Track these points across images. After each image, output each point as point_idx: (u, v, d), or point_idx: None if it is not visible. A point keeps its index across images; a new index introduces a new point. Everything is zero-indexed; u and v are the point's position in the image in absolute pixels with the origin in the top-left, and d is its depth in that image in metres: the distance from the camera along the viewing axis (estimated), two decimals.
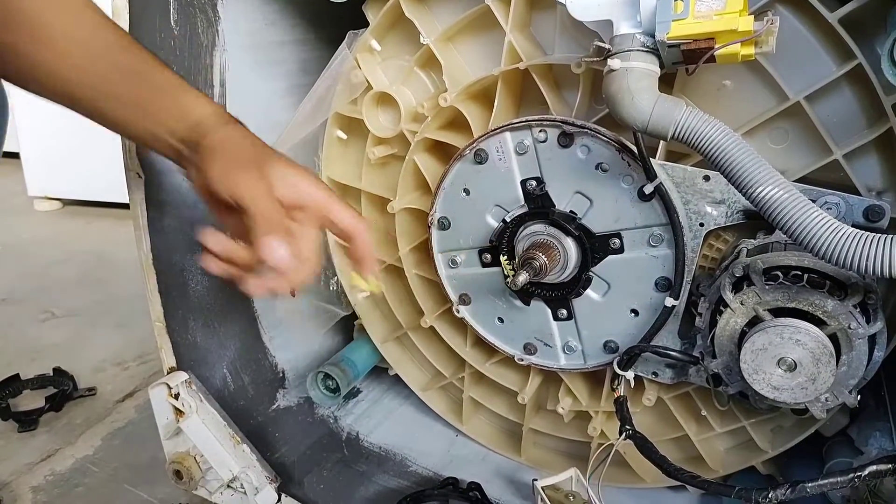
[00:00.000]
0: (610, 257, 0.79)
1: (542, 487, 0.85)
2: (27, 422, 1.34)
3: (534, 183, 0.80)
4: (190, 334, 0.96)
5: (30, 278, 2.07)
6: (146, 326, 0.94)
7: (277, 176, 0.65)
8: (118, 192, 1.22)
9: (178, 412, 0.91)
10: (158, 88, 0.66)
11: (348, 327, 1.16)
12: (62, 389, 1.42)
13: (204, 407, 0.92)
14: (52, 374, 1.45)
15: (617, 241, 0.78)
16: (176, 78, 0.68)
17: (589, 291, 0.82)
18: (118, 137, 0.87)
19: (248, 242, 0.64)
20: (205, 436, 0.91)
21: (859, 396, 0.68)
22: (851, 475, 0.61)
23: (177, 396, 0.90)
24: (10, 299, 1.91)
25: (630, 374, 0.81)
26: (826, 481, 0.62)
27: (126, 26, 0.80)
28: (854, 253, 0.53)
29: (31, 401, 1.40)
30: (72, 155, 2.56)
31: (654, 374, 0.83)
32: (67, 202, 2.91)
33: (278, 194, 0.65)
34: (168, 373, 0.93)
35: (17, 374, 1.43)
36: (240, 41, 0.93)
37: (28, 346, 1.61)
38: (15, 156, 2.84)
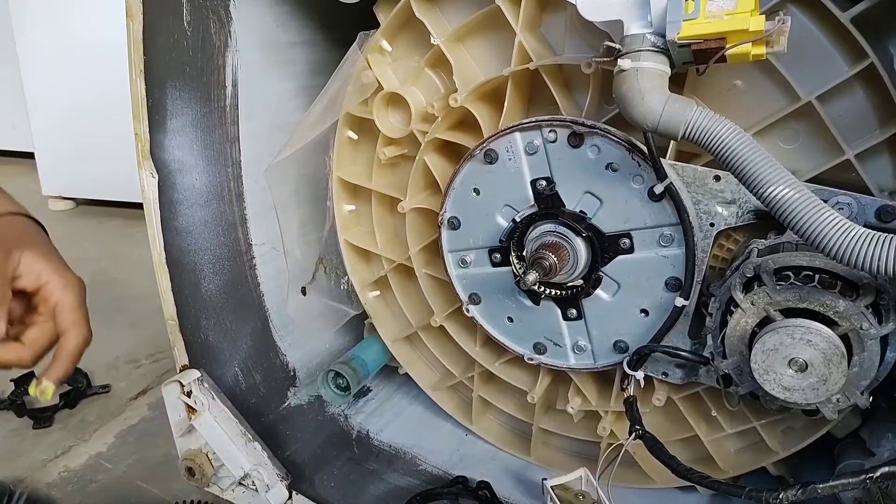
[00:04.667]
0: (620, 257, 0.79)
1: (552, 487, 0.85)
2: (42, 419, 1.36)
3: (544, 183, 0.80)
4: (202, 333, 0.97)
5: None
6: (159, 325, 0.95)
7: (23, 263, 0.70)
8: (131, 191, 1.23)
9: (191, 409, 0.92)
10: None
11: (359, 326, 1.17)
12: (76, 387, 1.44)
13: (216, 404, 0.93)
14: None
15: (627, 241, 0.78)
16: None
17: (599, 291, 0.82)
18: (131, 137, 0.88)
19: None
20: (217, 433, 0.91)
21: (871, 398, 0.67)
22: (863, 476, 0.61)
23: (189, 394, 0.91)
24: None
25: (640, 374, 0.81)
26: (837, 482, 0.61)
27: (140, 27, 0.81)
28: (866, 253, 0.53)
29: None
30: (85, 155, 2.58)
31: (664, 374, 0.83)
32: (81, 202, 2.94)
33: (20, 283, 0.70)
34: (181, 370, 0.94)
35: (32, 372, 1.44)
36: (251, 42, 0.94)
37: None
38: (29, 156, 2.88)
